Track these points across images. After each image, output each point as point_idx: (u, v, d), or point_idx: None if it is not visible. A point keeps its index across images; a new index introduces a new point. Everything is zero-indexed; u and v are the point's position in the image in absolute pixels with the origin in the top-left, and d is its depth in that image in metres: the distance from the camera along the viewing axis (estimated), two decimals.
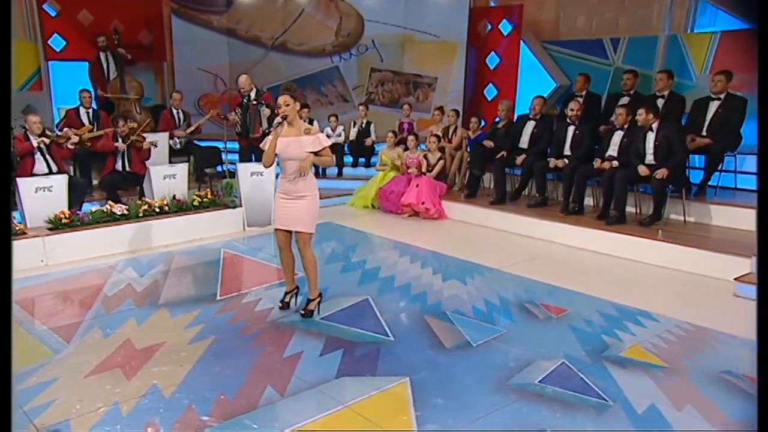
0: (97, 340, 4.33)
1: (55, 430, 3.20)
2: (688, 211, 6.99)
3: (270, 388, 3.71)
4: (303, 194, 4.70)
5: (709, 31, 8.11)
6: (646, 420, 3.49)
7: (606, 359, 4.22)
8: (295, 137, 4.63)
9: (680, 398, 3.72)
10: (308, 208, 4.71)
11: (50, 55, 9.41)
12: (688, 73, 8.20)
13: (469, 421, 3.42)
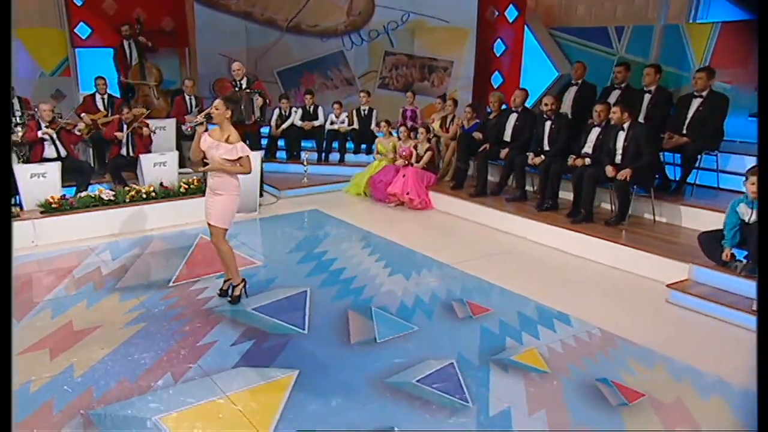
0: (44, 321, 5.05)
1: None
2: (661, 212, 7.04)
3: (169, 374, 4.28)
4: (218, 192, 5.20)
5: (709, 21, 7.90)
6: (493, 422, 3.83)
7: (494, 362, 4.54)
8: (218, 141, 5.13)
9: (538, 404, 4.02)
10: (221, 205, 5.20)
11: (77, 43, 10.26)
12: (687, 65, 8.05)
13: (327, 416, 3.86)
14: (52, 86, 10.29)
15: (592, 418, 3.88)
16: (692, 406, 4.02)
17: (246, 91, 8.50)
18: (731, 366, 4.51)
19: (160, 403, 3.95)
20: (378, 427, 3.77)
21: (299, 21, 11.12)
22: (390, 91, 11.20)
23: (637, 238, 6.52)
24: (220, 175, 5.14)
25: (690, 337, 5.02)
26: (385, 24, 10.84)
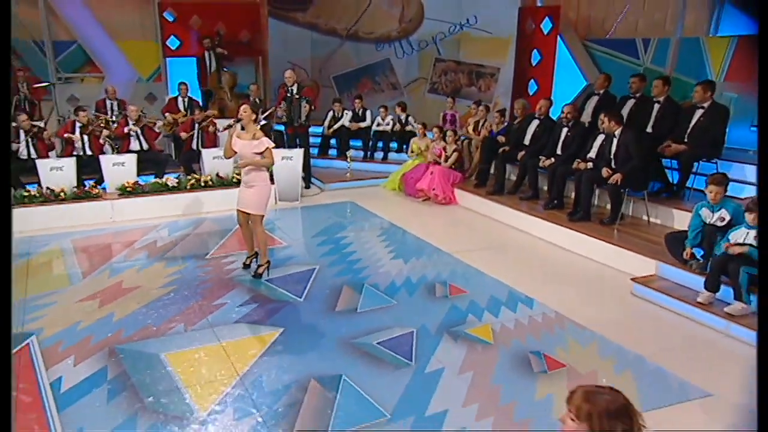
0: (101, 279, 6.17)
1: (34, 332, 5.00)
2: (656, 214, 7.27)
3: (182, 324, 5.22)
4: (252, 184, 6.07)
5: (727, 35, 7.95)
6: (424, 377, 4.46)
7: (449, 333, 5.14)
8: (248, 141, 6.01)
9: (469, 367, 4.60)
10: (256, 195, 6.07)
11: (167, 53, 11.60)
12: (705, 76, 8.12)
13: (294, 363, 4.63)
14: (146, 90, 11.72)
15: (509, 380, 4.42)
16: (603, 377, 4.47)
17: (296, 96, 9.41)
18: (659, 348, 4.87)
19: (169, 344, 4.88)
20: (332, 374, 4.49)
21: (357, 29, 11.95)
22: (438, 96, 11.80)
23: (624, 236, 6.82)
24: (252, 169, 6.00)
25: (636, 324, 5.38)
26: (434, 35, 11.46)
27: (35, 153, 8.49)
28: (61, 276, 6.31)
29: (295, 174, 8.90)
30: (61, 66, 11.19)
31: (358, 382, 4.38)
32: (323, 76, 12.14)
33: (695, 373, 4.47)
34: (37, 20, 10.72)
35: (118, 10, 11.34)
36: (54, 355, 4.70)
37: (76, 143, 8.79)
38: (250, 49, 12.36)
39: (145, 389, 4.24)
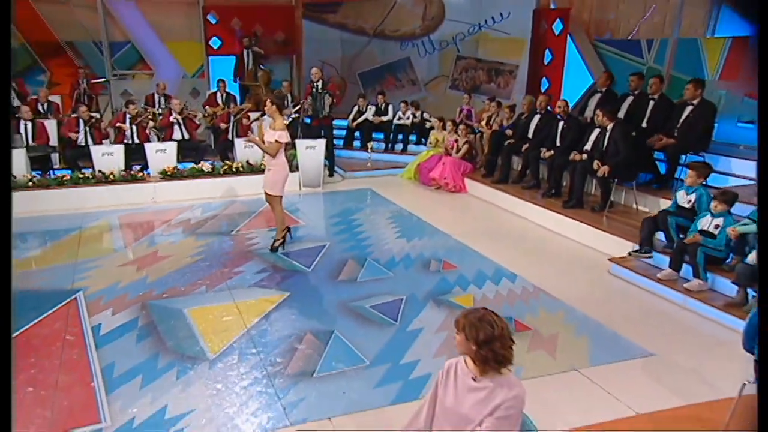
0: (141, 248, 6.94)
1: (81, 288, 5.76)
2: (645, 202, 7.59)
3: (204, 287, 5.90)
4: (270, 167, 6.72)
5: (723, 36, 8.16)
6: (404, 335, 5.00)
7: (434, 300, 5.66)
8: (271, 130, 6.66)
9: (445, 327, 5.11)
10: (272, 178, 6.71)
11: (210, 52, 12.41)
12: (703, 75, 8.34)
13: (295, 320, 5.25)
14: (190, 86, 12.57)
15: None
16: (562, 338, 4.93)
17: (320, 91, 10.03)
18: (619, 317, 5.29)
19: (191, 302, 5.57)
20: (326, 329, 5.08)
21: (383, 27, 12.48)
22: (459, 92, 12.18)
23: (613, 222, 7.19)
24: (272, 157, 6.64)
25: (605, 297, 5.79)
26: (454, 35, 11.90)
27: (91, 140, 9.35)
28: (107, 245, 7.12)
29: (317, 162, 9.52)
30: (116, 64, 12.12)
31: (347, 336, 4.96)
32: (351, 73, 12.74)
33: (645, 337, 4.89)
34: (96, 23, 11.65)
35: (167, 13, 12.19)
36: (96, 307, 5.44)
37: (126, 132, 9.62)
38: (285, 49, 13.08)
39: (168, 335, 4.93)
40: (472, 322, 2.54)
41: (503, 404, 2.50)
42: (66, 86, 11.37)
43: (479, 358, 2.56)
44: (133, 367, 4.45)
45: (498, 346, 2.53)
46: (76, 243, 7.13)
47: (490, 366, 2.55)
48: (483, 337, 2.50)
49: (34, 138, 9.25)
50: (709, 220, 5.50)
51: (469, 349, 2.58)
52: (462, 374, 2.67)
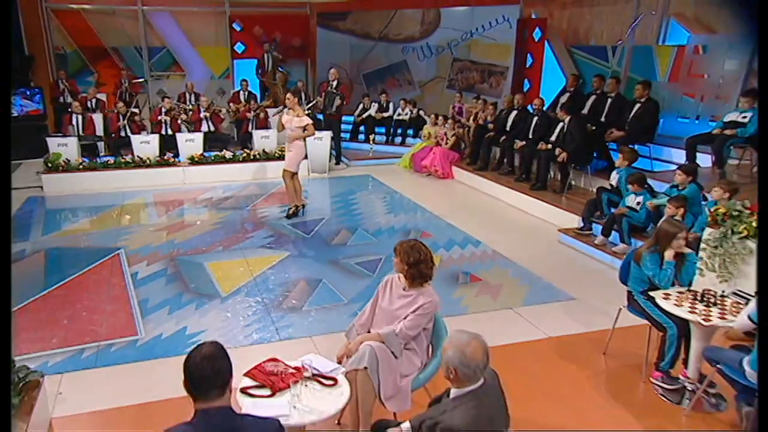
0: (171, 219, 7.94)
1: (122, 247, 6.76)
2: (594, 184, 8.32)
3: (221, 247, 6.86)
4: (290, 149, 7.67)
5: (671, 44, 8.84)
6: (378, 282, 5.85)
7: None
8: (293, 117, 7.60)
9: None
10: (292, 157, 7.67)
11: (235, 56, 13.39)
12: (655, 76, 9.04)
13: (293, 270, 6.17)
14: (217, 85, 13.56)
15: (439, 286, 5.52)
16: (505, 287, 5.78)
17: (333, 91, 10.94)
18: (556, 272, 6.11)
19: (210, 257, 6.52)
20: (317, 278, 6.00)
21: (387, 32, 13.34)
22: (455, 91, 12.97)
23: (570, 201, 7.97)
24: (292, 139, 7.59)
25: (549, 258, 6.60)
26: (449, 41, 12.71)
27: (130, 131, 10.40)
28: (143, 216, 8.15)
29: (324, 151, 10.45)
30: (153, 66, 13.15)
31: (332, 283, 5.87)
32: (358, 75, 13.64)
33: (572, 286, 5.72)
34: (136, 31, 12.69)
35: (197, 22, 13.21)
36: (134, 260, 6.42)
37: (162, 123, 10.63)
38: (301, 53, 14.01)
39: (190, 280, 5.89)
40: (406, 249, 3.43)
41: (422, 306, 3.38)
42: (111, 86, 12.42)
43: (409, 274, 3.44)
44: (162, 301, 5.42)
45: (423, 267, 3.41)
46: (118, 214, 8.17)
47: (417, 280, 3.43)
48: (413, 260, 3.38)
49: (84, 129, 10.32)
50: (633, 198, 6.29)
51: (402, 268, 3.45)
52: (396, 286, 3.56)
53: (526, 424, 3.61)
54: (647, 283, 4.07)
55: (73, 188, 9.23)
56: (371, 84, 13.51)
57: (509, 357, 4.38)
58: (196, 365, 1.99)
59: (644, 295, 4.06)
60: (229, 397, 2.07)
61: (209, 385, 1.97)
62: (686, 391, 3.86)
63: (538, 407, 3.84)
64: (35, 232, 7.43)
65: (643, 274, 4.07)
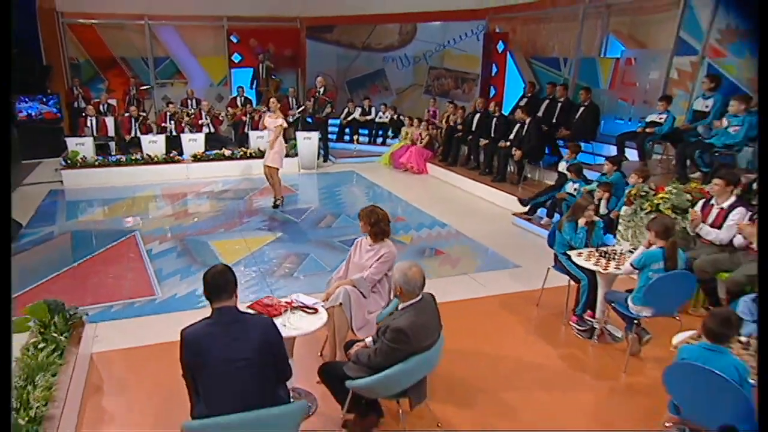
0: (177, 207, 8.64)
1: (138, 229, 7.44)
2: (550, 177, 9.13)
3: (223, 229, 7.56)
4: (272, 147, 8.34)
5: (610, 57, 9.64)
6: None
7: None
8: (273, 119, 8.29)
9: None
10: (273, 154, 8.34)
11: (232, 65, 14.06)
12: (598, 84, 9.84)
13: (284, 247, 6.89)
14: (216, 92, 14.22)
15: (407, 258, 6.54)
16: (463, 259, 6.54)
17: (321, 96, 11.66)
18: (505, 245, 6.87)
19: (213, 237, 7.20)
20: (305, 253, 6.72)
21: (370, 42, 14.09)
22: (431, 96, 13.74)
23: (525, 191, 8.74)
24: (272, 138, 8.26)
25: (501, 236, 7.34)
26: (424, 52, 13.49)
27: (139, 132, 11.05)
28: (153, 205, 8.82)
29: (312, 149, 11.17)
30: (158, 75, 13.78)
31: (318, 256, 6.60)
32: (342, 82, 14.39)
33: (519, 257, 6.49)
34: (143, 43, 13.32)
35: (198, 35, 13.86)
36: (148, 239, 7.10)
37: (167, 126, 11.29)
38: (292, 62, 14.71)
39: (197, 254, 6.59)
40: (367, 213, 4.17)
41: (383, 255, 4.12)
42: (120, 92, 13.04)
43: (372, 232, 4.18)
44: (174, 270, 6.12)
45: (382, 224, 4.16)
46: (131, 204, 8.83)
47: (378, 236, 4.17)
48: (373, 220, 4.13)
49: (98, 131, 10.96)
50: (571, 185, 7.08)
51: (366, 228, 4.19)
52: (363, 244, 4.30)
53: (473, 354, 4.38)
54: (567, 246, 4.85)
55: (90, 182, 9.88)
56: (354, 90, 14.26)
57: (463, 309, 5.15)
58: (212, 276, 2.71)
59: (565, 255, 4.83)
60: (236, 301, 2.80)
61: (221, 290, 2.69)
62: (594, 329, 4.65)
63: (482, 343, 4.60)
64: (60, 218, 8.08)
65: (564, 239, 4.85)
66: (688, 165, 6.46)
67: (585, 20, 9.49)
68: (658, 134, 7.19)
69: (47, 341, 3.62)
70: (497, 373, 4.20)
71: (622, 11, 9.08)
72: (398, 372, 2.98)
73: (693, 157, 6.30)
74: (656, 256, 3.95)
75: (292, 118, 12.76)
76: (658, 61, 8.14)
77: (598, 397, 3.95)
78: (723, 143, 6.07)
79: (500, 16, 11.83)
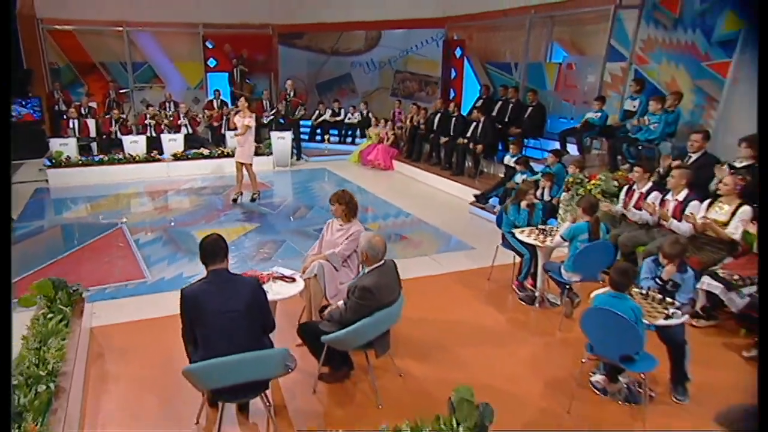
0: (159, 203, 8.89)
1: (124, 222, 7.69)
2: (499, 170, 9.67)
3: (204, 221, 7.87)
4: (242, 144, 8.62)
5: (555, 62, 10.27)
6: None
7: None
8: (241, 118, 8.61)
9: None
10: (245, 151, 8.65)
11: (207, 70, 14.24)
12: (545, 86, 10.44)
13: (259, 237, 7.26)
14: (193, 95, 14.38)
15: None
16: (425, 242, 7.02)
17: (292, 99, 12.00)
18: (462, 230, 7.39)
19: (195, 228, 7.50)
20: (281, 240, 7.09)
21: (338, 47, 14.49)
22: (397, 97, 14.20)
23: (481, 183, 9.29)
24: (241, 135, 8.59)
25: (459, 223, 7.86)
26: (389, 58, 13.96)
27: (120, 133, 11.20)
28: (136, 202, 9.05)
29: (286, 148, 11.51)
30: (137, 79, 13.87)
31: (293, 242, 6.99)
32: (313, 85, 14.76)
33: (474, 241, 7.00)
34: (122, 49, 13.38)
35: (175, 41, 13.98)
36: (134, 231, 7.35)
37: (147, 127, 11.48)
38: (265, 67, 14.95)
39: (182, 243, 6.89)
40: (339, 195, 4.60)
41: (353, 233, 4.55)
42: (99, 96, 13.09)
43: (343, 212, 4.61)
44: (162, 257, 6.43)
45: (351, 205, 4.59)
46: (116, 200, 9.04)
47: (348, 216, 4.60)
48: (345, 200, 4.56)
49: (80, 132, 11.07)
50: (520, 176, 7.64)
51: (339, 208, 4.62)
52: (334, 224, 4.73)
53: (431, 320, 4.86)
54: (512, 225, 5.37)
55: (75, 181, 10.03)
56: (324, 93, 14.64)
57: (424, 285, 5.62)
58: (207, 244, 3.10)
59: (510, 233, 5.35)
60: (227, 264, 3.20)
61: (215, 255, 3.08)
62: (535, 297, 5.19)
63: (439, 311, 5.08)
64: (48, 213, 8.26)
65: (510, 220, 5.38)
66: (618, 157, 7.09)
67: (532, 29, 10.07)
68: (594, 130, 7.81)
69: (54, 312, 3.94)
70: (452, 334, 4.68)
71: (564, 21, 9.71)
72: (365, 325, 3.42)
73: (621, 150, 6.93)
74: (582, 229, 4.50)
75: (266, 119, 13.08)
76: (594, 66, 8.79)
77: (537, 350, 4.47)
78: (645, 138, 6.71)
79: (458, 25, 12.36)
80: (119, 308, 5.08)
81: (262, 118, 13.01)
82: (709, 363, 4.08)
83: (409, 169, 11.16)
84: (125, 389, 3.86)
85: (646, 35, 7.58)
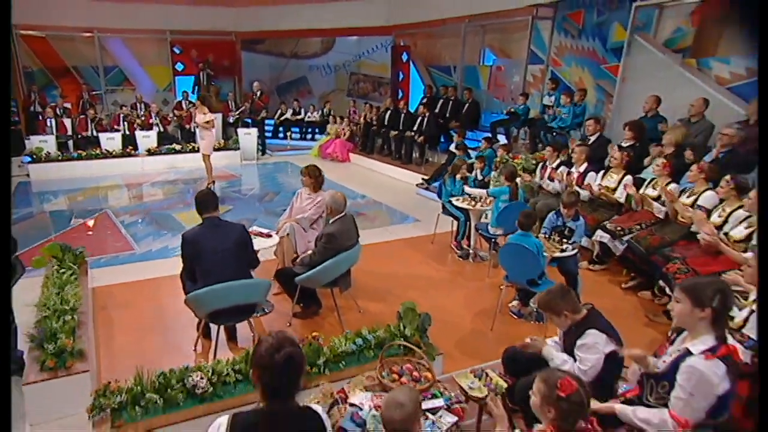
0: (137, 192, 9.17)
1: (108, 208, 7.95)
2: (441, 158, 10.41)
3: (181, 205, 8.22)
4: (203, 137, 8.96)
5: (487, 64, 11.11)
6: None
7: None
8: (200, 115, 8.96)
9: None
10: (204, 143, 9.00)
11: (175, 73, 14.39)
12: (479, 86, 11.26)
13: (235, 217, 7.69)
14: (162, 97, 14.47)
15: None
16: (379, 218, 7.66)
17: (258, 100, 12.38)
18: (410, 207, 8.06)
19: (175, 211, 7.88)
20: (253, 219, 7.55)
21: (297, 50, 14.94)
22: (352, 97, 14.77)
23: (427, 170, 10.00)
24: (203, 129, 8.95)
25: (408, 202, 8.53)
26: (343, 62, 14.52)
27: (96, 132, 11.30)
28: (116, 191, 9.27)
29: (252, 143, 11.89)
30: (108, 82, 13.86)
31: (264, 221, 7.45)
32: (274, 87, 15.15)
33: (419, 215, 7.69)
34: (93, 53, 13.35)
35: (144, 45, 14.05)
36: (118, 214, 7.66)
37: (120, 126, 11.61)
38: (230, 71, 15.19)
39: (164, 222, 7.27)
40: (310, 169, 5.14)
41: (319, 202, 5.11)
42: (73, 97, 13.03)
43: (311, 184, 5.16)
44: (147, 234, 6.80)
45: (319, 179, 5.13)
46: (97, 191, 9.23)
47: (315, 187, 5.16)
48: (314, 174, 5.10)
49: (58, 130, 11.10)
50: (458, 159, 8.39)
51: (308, 180, 5.16)
52: (304, 194, 5.27)
53: (385, 273, 5.49)
54: (450, 194, 6.07)
55: (55, 175, 10.11)
56: (283, 94, 15.06)
57: (379, 249, 6.24)
58: (201, 196, 3.66)
59: (449, 202, 6.05)
60: (218, 213, 3.72)
61: (209, 205, 3.62)
62: (470, 253, 5.91)
63: (392, 267, 5.72)
64: (34, 203, 8.41)
65: (447, 190, 6.08)
66: (538, 143, 7.93)
67: (467, 36, 10.86)
68: (518, 121, 8.67)
69: (65, 269, 4.34)
70: (403, 282, 5.33)
71: (493, 29, 10.54)
72: (331, 264, 4.02)
73: (540, 136, 7.78)
74: (504, 191, 5.26)
75: (232, 118, 13.40)
76: (518, 68, 9.65)
77: (470, 292, 5.17)
78: (558, 126, 7.58)
79: (404, 32, 13.04)
80: (115, 273, 5.46)
81: (228, 118, 13.33)
82: (598, 293, 4.89)
83: (364, 160, 11.76)
84: (130, 330, 4.31)
85: (558, 42, 8.48)
